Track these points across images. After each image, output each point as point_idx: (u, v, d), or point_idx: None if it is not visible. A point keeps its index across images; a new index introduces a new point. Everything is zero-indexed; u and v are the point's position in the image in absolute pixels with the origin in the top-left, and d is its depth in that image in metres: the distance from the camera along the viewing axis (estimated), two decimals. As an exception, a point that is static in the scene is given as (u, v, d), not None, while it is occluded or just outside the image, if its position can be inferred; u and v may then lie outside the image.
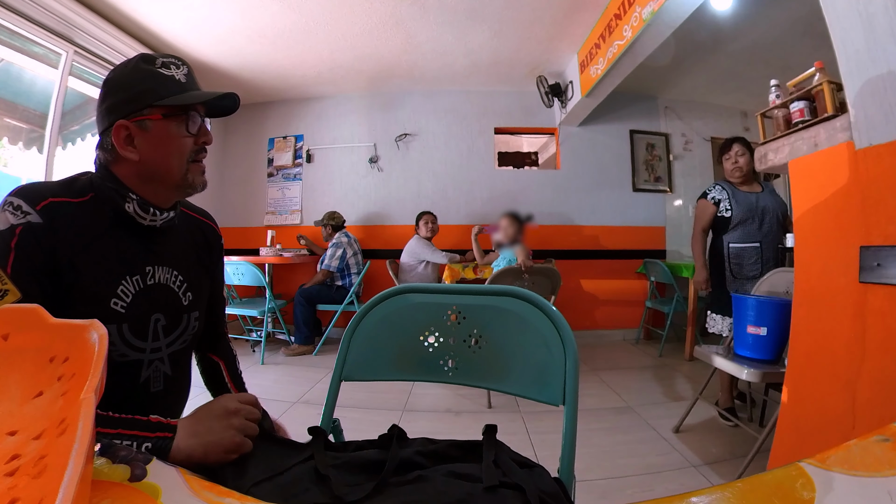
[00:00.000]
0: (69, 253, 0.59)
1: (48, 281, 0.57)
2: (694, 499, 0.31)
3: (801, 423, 1.13)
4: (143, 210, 0.65)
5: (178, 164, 0.65)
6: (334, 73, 3.49)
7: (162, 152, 0.64)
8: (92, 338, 0.31)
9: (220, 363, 0.84)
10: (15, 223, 0.56)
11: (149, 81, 0.62)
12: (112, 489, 0.29)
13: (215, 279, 0.84)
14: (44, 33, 2.28)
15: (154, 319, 0.68)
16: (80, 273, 0.60)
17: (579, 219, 3.76)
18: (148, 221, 0.66)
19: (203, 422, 0.51)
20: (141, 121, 0.62)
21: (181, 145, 0.65)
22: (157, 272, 0.69)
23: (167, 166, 0.65)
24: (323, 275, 3.24)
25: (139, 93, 0.62)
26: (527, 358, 0.72)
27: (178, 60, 0.65)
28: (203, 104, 0.67)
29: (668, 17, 2.02)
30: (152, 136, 0.63)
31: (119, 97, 0.62)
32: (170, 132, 0.64)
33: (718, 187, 2.09)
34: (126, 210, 0.64)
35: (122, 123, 0.62)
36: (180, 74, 0.64)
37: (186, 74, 0.65)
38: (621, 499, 1.34)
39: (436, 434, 0.60)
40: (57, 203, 0.59)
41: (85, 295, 0.60)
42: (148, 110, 0.62)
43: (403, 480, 0.47)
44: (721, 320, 2.09)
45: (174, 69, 0.64)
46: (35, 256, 0.56)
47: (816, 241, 1.11)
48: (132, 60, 0.64)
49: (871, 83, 0.91)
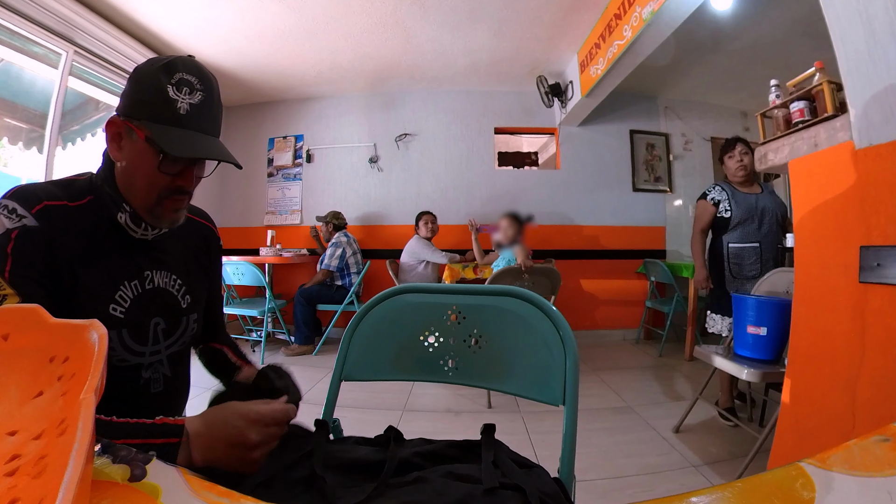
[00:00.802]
0: (67, 257, 0.58)
1: (49, 283, 0.56)
2: (694, 499, 0.30)
3: (801, 423, 1.13)
4: (135, 224, 0.63)
5: (147, 191, 0.61)
6: (334, 73, 3.49)
7: (135, 169, 0.61)
8: (92, 338, 0.31)
9: (224, 348, 0.83)
10: (10, 227, 0.54)
11: (151, 94, 0.57)
12: (112, 489, 0.29)
13: (213, 280, 0.84)
14: (44, 33, 2.28)
15: (154, 323, 0.67)
16: (78, 278, 0.59)
17: (579, 219, 3.76)
18: (139, 235, 0.65)
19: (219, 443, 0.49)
20: (130, 127, 0.59)
21: (154, 176, 0.60)
22: (155, 276, 0.68)
23: (136, 187, 0.62)
24: (323, 274, 3.24)
25: (139, 101, 0.58)
26: (527, 358, 0.72)
27: (200, 85, 0.59)
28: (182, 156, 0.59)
29: (668, 17, 2.02)
30: (134, 148, 0.60)
31: (127, 90, 0.60)
32: (146, 157, 0.59)
33: (718, 188, 2.09)
34: (118, 221, 0.63)
35: (115, 119, 0.60)
36: (185, 103, 0.58)
37: (197, 104, 0.59)
38: (621, 499, 1.34)
39: (436, 434, 0.60)
40: (53, 206, 0.58)
41: (83, 300, 0.59)
42: (136, 122, 0.58)
43: (402, 482, 0.47)
44: (721, 320, 2.09)
45: (185, 95, 0.58)
46: (33, 260, 0.55)
47: (816, 241, 1.11)
48: (158, 62, 0.58)
49: (871, 83, 0.91)
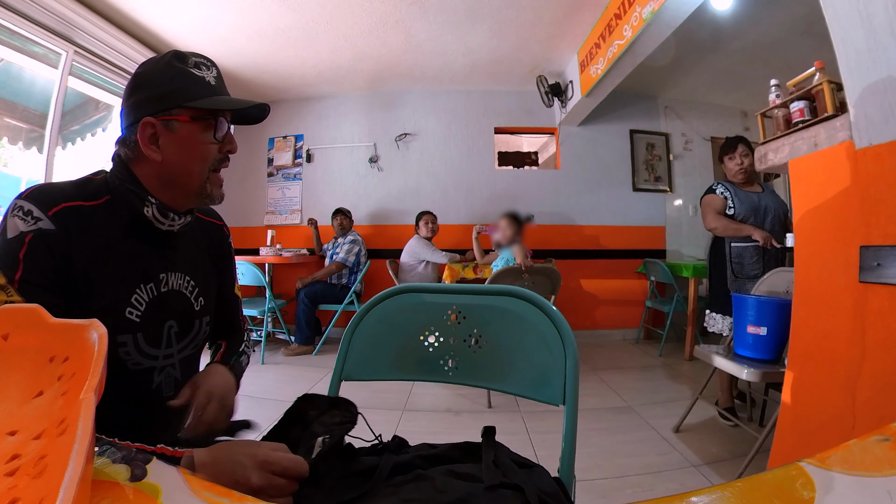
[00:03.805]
0: (83, 261, 0.57)
1: (60, 292, 0.55)
2: (694, 499, 0.30)
3: (801, 423, 1.13)
4: (163, 215, 0.63)
5: (200, 170, 0.63)
6: (334, 72, 3.49)
7: (185, 156, 0.62)
8: (92, 337, 0.31)
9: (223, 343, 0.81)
10: (25, 230, 0.53)
11: (179, 81, 0.60)
12: (112, 489, 0.29)
13: (226, 279, 0.82)
14: (44, 33, 2.28)
15: (167, 327, 0.67)
16: (94, 282, 0.58)
17: (579, 218, 3.76)
18: (166, 226, 0.64)
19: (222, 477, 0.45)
20: (168, 121, 0.60)
21: (205, 151, 0.63)
22: (170, 279, 0.67)
23: (189, 171, 0.63)
24: (336, 266, 3.23)
25: (169, 91, 0.60)
26: (527, 358, 0.72)
27: (209, 61, 0.64)
28: (231, 110, 0.65)
29: (668, 16, 2.02)
30: (178, 138, 0.61)
31: (148, 93, 0.60)
32: (196, 136, 0.62)
33: (722, 186, 2.09)
34: (144, 214, 0.62)
35: (149, 121, 0.59)
36: (210, 77, 0.63)
37: (216, 77, 0.64)
38: (621, 499, 1.34)
39: (436, 434, 0.60)
40: (70, 208, 0.57)
41: (99, 304, 0.58)
42: (176, 110, 0.60)
43: (403, 480, 0.47)
44: (721, 319, 2.09)
45: (205, 70, 0.62)
46: (46, 266, 0.54)
47: (816, 240, 1.11)
48: (165, 57, 0.61)
49: (871, 83, 0.91)
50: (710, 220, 2.09)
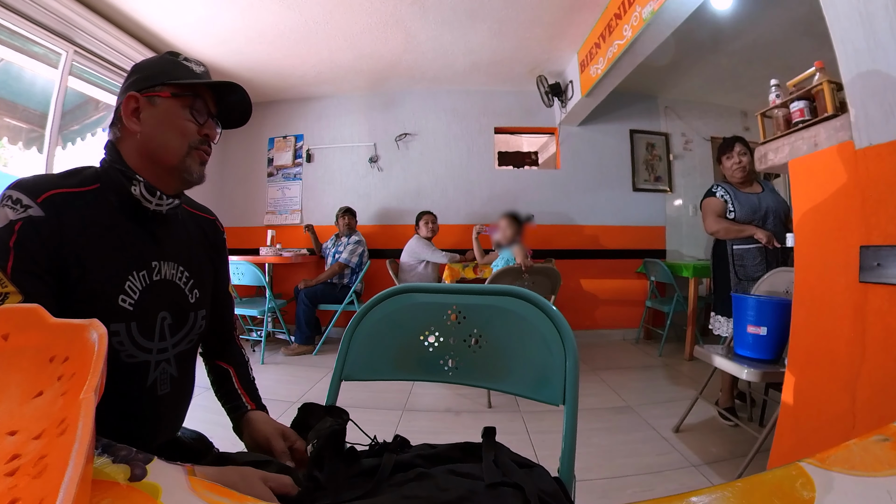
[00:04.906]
0: (75, 247, 0.56)
1: (52, 279, 0.55)
2: (694, 499, 0.30)
3: (801, 423, 1.13)
4: (150, 193, 0.64)
5: (178, 144, 0.66)
6: (334, 72, 3.49)
7: (163, 129, 0.65)
8: (92, 337, 0.31)
9: (230, 369, 0.81)
10: (14, 219, 0.53)
11: (167, 66, 0.67)
12: (112, 489, 0.29)
13: (220, 277, 0.81)
14: (44, 33, 2.28)
15: (161, 318, 0.66)
16: (87, 268, 0.57)
17: (579, 218, 3.76)
18: (154, 205, 0.65)
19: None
20: (151, 96, 0.64)
21: (183, 127, 0.66)
22: (162, 267, 0.67)
23: (165, 144, 0.65)
24: (339, 267, 3.25)
25: (156, 73, 0.66)
26: (527, 358, 0.72)
27: (200, 64, 0.71)
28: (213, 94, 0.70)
29: (668, 16, 2.02)
30: (158, 112, 0.65)
31: (138, 76, 0.66)
32: (174, 111, 0.66)
33: (721, 188, 2.08)
34: (132, 193, 0.63)
35: (133, 95, 0.64)
36: (198, 69, 0.70)
37: (204, 72, 0.71)
38: (621, 499, 1.34)
39: (436, 434, 0.60)
40: (60, 194, 0.57)
41: (92, 291, 0.57)
42: (159, 87, 0.65)
43: (405, 478, 0.47)
44: (725, 322, 2.06)
45: (194, 65, 0.69)
46: (37, 254, 0.53)
47: (816, 240, 1.11)
48: (159, 56, 0.70)
49: (872, 83, 0.91)
50: (711, 224, 2.08)
